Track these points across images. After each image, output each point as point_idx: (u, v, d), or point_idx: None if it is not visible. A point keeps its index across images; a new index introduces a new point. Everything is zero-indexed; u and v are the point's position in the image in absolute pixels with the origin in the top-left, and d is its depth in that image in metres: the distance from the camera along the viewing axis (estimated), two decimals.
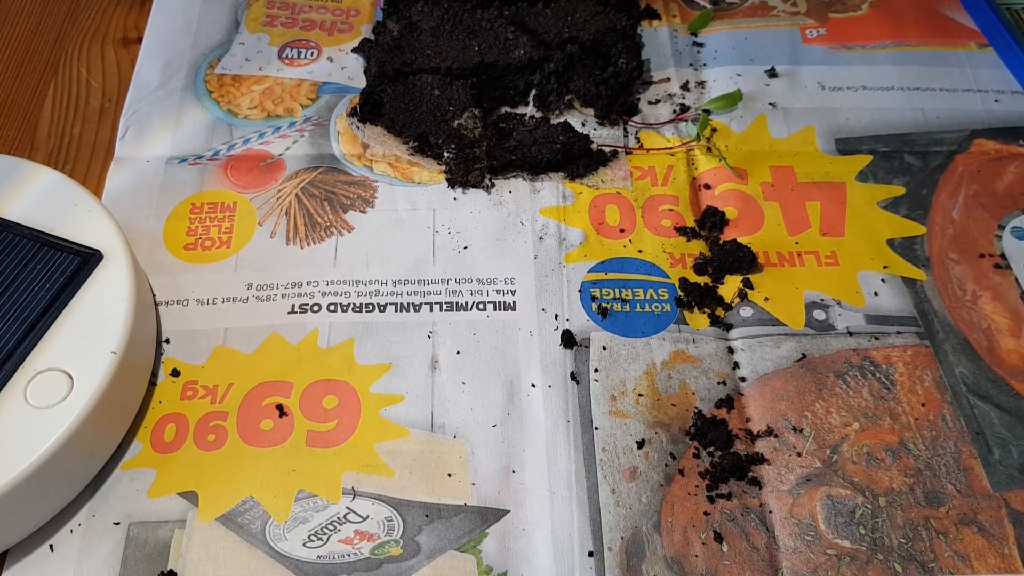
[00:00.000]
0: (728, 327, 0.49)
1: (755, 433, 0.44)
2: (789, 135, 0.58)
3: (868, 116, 0.59)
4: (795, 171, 0.56)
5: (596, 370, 0.46)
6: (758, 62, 0.62)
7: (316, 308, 0.49)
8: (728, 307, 0.49)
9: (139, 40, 0.63)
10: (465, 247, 0.51)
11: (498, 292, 0.49)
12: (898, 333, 0.48)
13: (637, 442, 0.44)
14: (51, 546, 0.40)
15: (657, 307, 0.49)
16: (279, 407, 0.45)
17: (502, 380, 0.46)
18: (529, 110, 0.59)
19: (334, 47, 0.62)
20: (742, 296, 0.50)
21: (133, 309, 0.42)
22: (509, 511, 0.42)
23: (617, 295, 0.49)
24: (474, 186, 0.54)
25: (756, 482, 0.43)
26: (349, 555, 0.40)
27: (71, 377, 0.40)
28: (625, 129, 0.58)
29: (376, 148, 0.56)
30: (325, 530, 0.41)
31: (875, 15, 0.65)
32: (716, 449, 0.44)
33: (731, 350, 0.48)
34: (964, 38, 0.64)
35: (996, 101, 0.59)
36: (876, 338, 0.48)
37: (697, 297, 0.49)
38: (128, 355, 0.41)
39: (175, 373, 0.46)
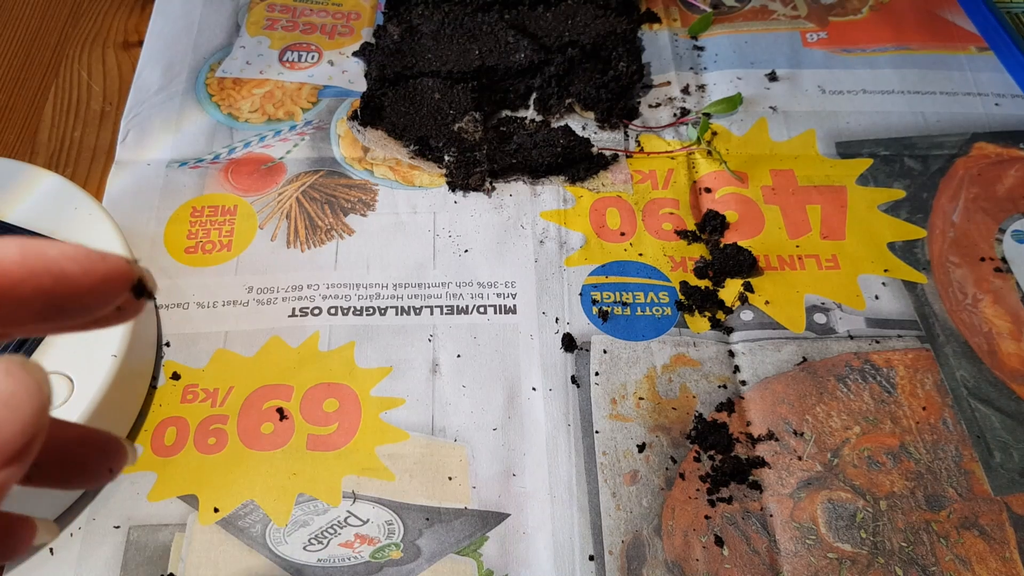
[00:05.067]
0: (729, 330, 0.49)
1: (756, 437, 0.44)
2: (790, 138, 0.58)
3: (869, 119, 0.59)
4: (796, 174, 0.56)
5: (597, 373, 0.46)
6: (758, 65, 0.62)
7: (316, 311, 0.49)
8: (729, 310, 0.49)
9: (140, 44, 0.63)
10: (466, 250, 0.51)
11: (499, 295, 0.49)
12: (899, 336, 0.48)
13: (638, 446, 0.44)
14: (51, 550, 0.40)
15: (658, 310, 0.49)
16: (279, 410, 0.45)
17: (503, 384, 0.46)
18: (530, 114, 0.59)
19: (335, 50, 0.63)
20: (743, 300, 0.49)
21: None
22: (510, 515, 0.42)
23: (618, 298, 0.49)
24: (475, 189, 0.54)
25: (757, 486, 0.43)
26: (349, 559, 0.40)
27: (71, 380, 0.40)
28: (626, 133, 0.58)
29: (377, 151, 0.56)
30: (325, 534, 0.41)
31: (875, 19, 0.65)
32: (717, 453, 0.44)
33: (732, 353, 0.48)
34: (964, 41, 0.64)
35: (996, 104, 0.59)
36: (877, 341, 0.48)
37: (698, 300, 0.49)
38: (128, 358, 0.41)
39: (175, 376, 0.46)
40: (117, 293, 0.19)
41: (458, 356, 0.47)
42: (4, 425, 0.17)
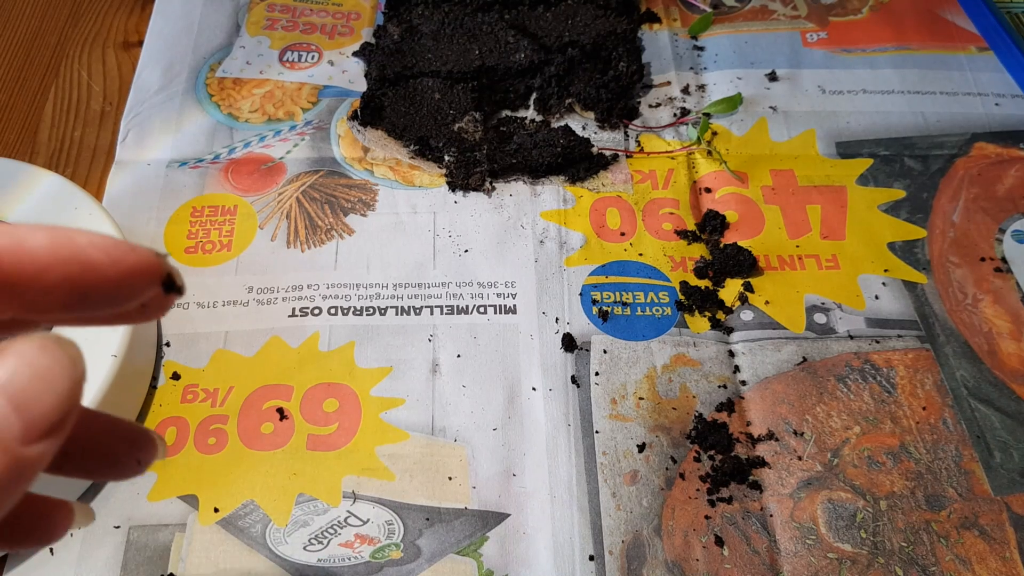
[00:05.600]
0: (729, 330, 0.49)
1: (756, 437, 0.44)
2: (790, 138, 0.58)
3: (869, 119, 0.59)
4: (796, 174, 0.56)
5: (597, 373, 0.46)
6: (759, 65, 0.62)
7: (317, 311, 0.49)
8: (729, 310, 0.49)
9: (140, 44, 0.63)
10: (466, 250, 0.51)
11: (499, 295, 0.49)
12: (899, 336, 0.48)
13: (638, 446, 0.44)
14: (51, 550, 0.40)
15: (658, 310, 0.49)
16: (280, 410, 0.45)
17: (503, 384, 0.46)
18: (530, 113, 0.59)
19: (335, 50, 0.63)
20: (743, 300, 0.49)
21: None
22: (510, 515, 0.42)
23: (618, 298, 0.49)
24: (475, 189, 0.54)
25: (757, 486, 0.43)
26: (349, 559, 0.40)
27: None
28: (626, 132, 0.58)
29: (377, 151, 0.56)
30: (325, 534, 0.41)
31: (875, 19, 0.65)
32: (717, 453, 0.44)
33: (732, 353, 0.48)
34: (964, 41, 0.64)
35: (996, 104, 0.59)
36: (877, 341, 0.48)
37: (698, 300, 0.49)
38: (128, 359, 0.41)
39: (176, 376, 0.46)
40: (145, 286, 0.19)
41: (458, 356, 0.47)
42: (40, 399, 0.17)
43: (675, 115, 0.59)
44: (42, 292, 0.18)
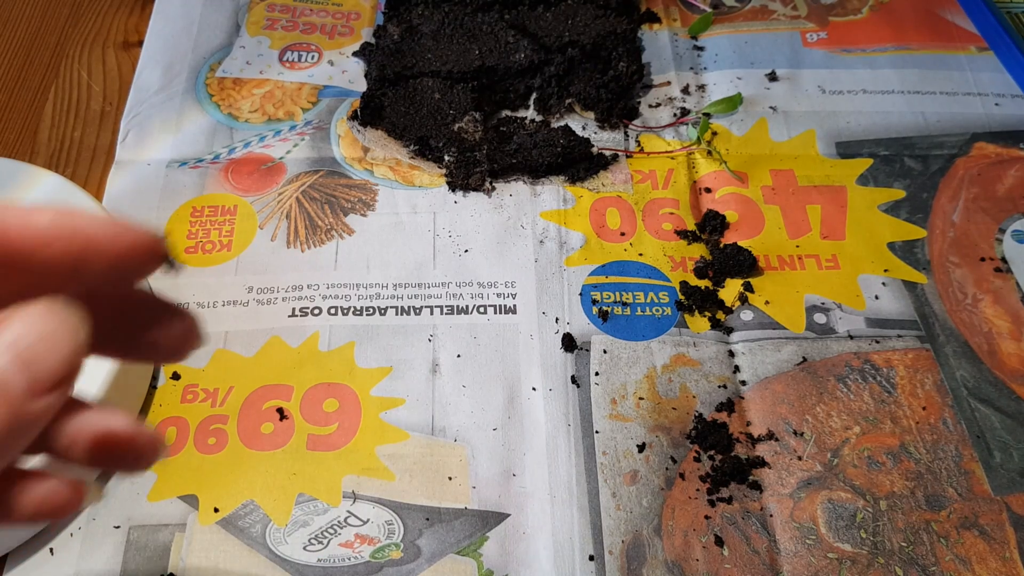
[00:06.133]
0: (729, 330, 0.49)
1: (756, 437, 0.44)
2: (790, 138, 0.58)
3: (869, 119, 0.59)
4: (796, 174, 0.56)
5: (597, 373, 0.46)
6: (758, 65, 0.62)
7: (316, 311, 0.49)
8: (729, 310, 0.49)
9: (140, 44, 0.63)
10: (466, 250, 0.51)
11: (499, 295, 0.49)
12: (899, 336, 0.48)
13: (638, 446, 0.44)
14: (51, 550, 0.40)
15: (658, 310, 0.49)
16: (279, 410, 0.45)
17: (503, 384, 0.46)
18: (530, 114, 0.59)
19: (335, 50, 0.63)
20: (743, 300, 0.49)
21: None
22: (510, 515, 0.42)
23: (618, 298, 0.49)
24: (475, 189, 0.54)
25: (757, 486, 0.43)
26: (349, 559, 0.40)
27: None
28: (626, 133, 0.58)
29: (377, 151, 0.56)
30: (325, 534, 0.41)
31: (875, 19, 0.65)
32: (717, 453, 0.44)
33: (732, 353, 0.48)
34: (964, 41, 0.64)
35: (996, 104, 0.59)
36: (877, 341, 0.48)
37: (698, 300, 0.49)
38: None
39: (175, 376, 0.46)
40: (143, 263, 0.21)
41: (458, 356, 0.47)
42: (44, 358, 0.19)
43: (675, 115, 0.59)
44: (45, 264, 0.19)
